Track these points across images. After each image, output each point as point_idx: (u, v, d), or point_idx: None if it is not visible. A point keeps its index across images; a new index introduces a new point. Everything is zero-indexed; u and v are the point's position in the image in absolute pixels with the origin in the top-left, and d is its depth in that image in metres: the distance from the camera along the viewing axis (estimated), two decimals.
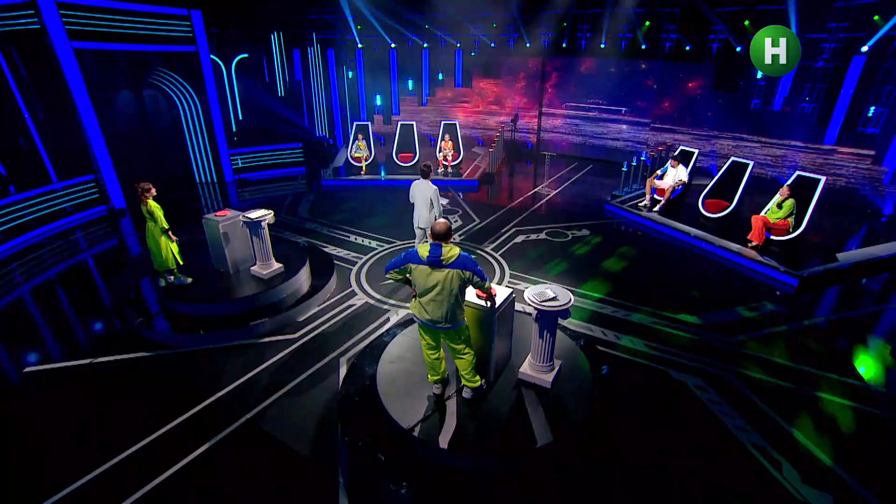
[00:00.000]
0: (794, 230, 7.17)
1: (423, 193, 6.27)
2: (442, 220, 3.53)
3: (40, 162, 9.98)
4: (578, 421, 3.83)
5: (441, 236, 3.46)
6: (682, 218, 8.41)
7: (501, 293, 4.05)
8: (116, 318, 5.90)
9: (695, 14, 10.14)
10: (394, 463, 3.60)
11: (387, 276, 3.72)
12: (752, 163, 8.07)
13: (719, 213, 8.11)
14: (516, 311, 4.94)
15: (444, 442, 3.61)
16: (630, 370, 4.98)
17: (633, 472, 3.77)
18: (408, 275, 3.66)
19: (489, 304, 3.85)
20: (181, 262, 5.91)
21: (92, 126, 9.49)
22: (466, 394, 4.02)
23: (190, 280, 6.10)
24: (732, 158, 8.36)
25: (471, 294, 3.97)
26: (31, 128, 9.78)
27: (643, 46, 11.00)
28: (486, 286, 3.60)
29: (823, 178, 7.17)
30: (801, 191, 7.28)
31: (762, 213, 7.37)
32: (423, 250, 3.49)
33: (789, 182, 7.43)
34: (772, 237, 7.21)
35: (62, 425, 4.30)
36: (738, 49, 10.56)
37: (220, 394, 4.62)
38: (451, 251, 3.46)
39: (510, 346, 4.49)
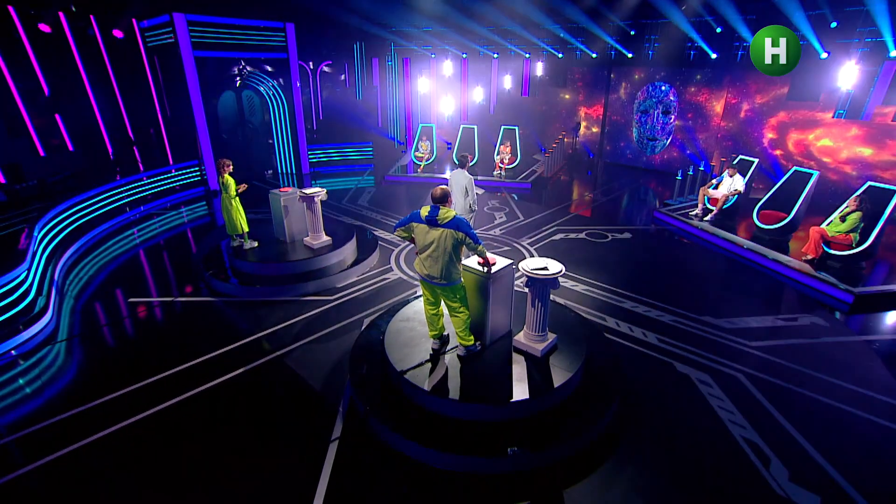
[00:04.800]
0: (858, 245, 6.60)
1: (458, 182, 6.73)
2: (440, 186, 4.00)
3: (163, 149, 12.08)
4: (559, 388, 4.05)
5: (439, 199, 3.94)
6: (735, 229, 8.04)
7: (501, 262, 4.40)
8: (196, 272, 7.09)
9: (771, 20, 9.63)
10: (384, 399, 4.10)
11: (394, 233, 4.26)
12: (816, 173, 7.53)
13: (775, 224, 7.64)
14: (522, 291, 5.22)
15: (428, 386, 4.03)
16: (633, 357, 5.03)
17: (602, 440, 3.91)
18: (412, 234, 4.17)
19: (486, 269, 4.23)
20: (247, 229, 6.93)
21: (200, 120, 11.27)
22: (460, 351, 4.41)
23: (256, 244, 7.14)
24: (795, 168, 7.85)
25: (472, 261, 4.38)
26: (160, 121, 11.92)
27: (713, 55, 10.61)
28: (479, 249, 3.99)
29: None
30: (873, 203, 6.69)
31: (822, 225, 6.87)
32: (424, 211, 3.99)
33: (858, 193, 6.86)
34: (830, 251, 6.70)
35: (144, 341, 5.40)
36: (827, 55, 9.81)
37: (260, 334, 5.45)
38: (448, 213, 3.91)
39: (510, 318, 4.79)
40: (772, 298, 6.42)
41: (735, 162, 8.89)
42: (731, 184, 8.41)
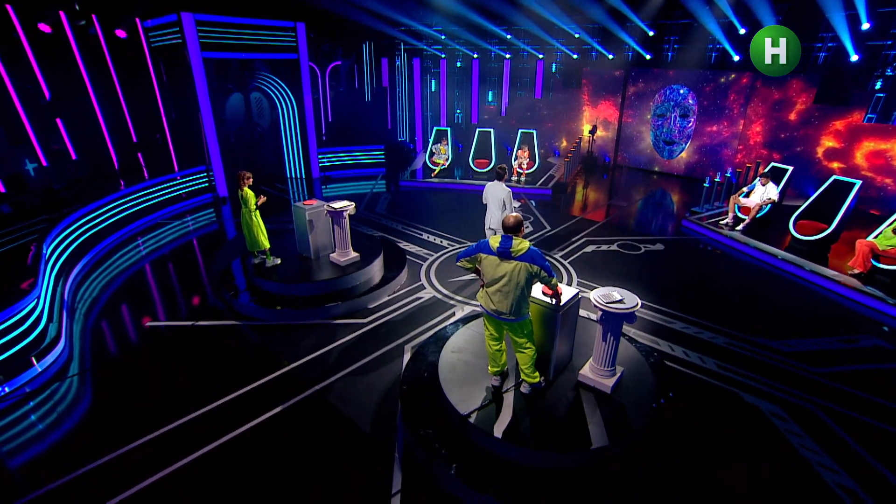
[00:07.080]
0: None
1: (496, 195, 6.40)
2: (513, 213, 3.65)
3: (168, 154, 11.54)
4: (637, 429, 3.75)
5: (511, 229, 3.60)
6: (769, 239, 7.81)
7: (567, 293, 4.08)
8: (214, 291, 6.66)
9: (799, 21, 9.37)
10: (448, 446, 3.76)
11: (458, 263, 3.91)
12: (859, 182, 7.31)
13: (814, 235, 7.42)
14: (580, 315, 4.92)
15: (498, 431, 3.70)
16: (697, 387, 4.75)
17: (691, 490, 3.62)
18: (477, 265, 3.82)
19: (555, 301, 3.90)
20: (268, 246, 6.51)
21: (208, 124, 10.76)
22: (524, 389, 4.08)
23: (279, 261, 6.73)
24: (834, 177, 7.62)
25: (537, 290, 4.05)
26: (165, 125, 11.37)
27: (736, 57, 10.35)
28: (552, 282, 3.66)
29: None
30: None
31: (870, 238, 6.65)
32: (494, 242, 3.64)
33: None
34: (880, 265, 6.48)
35: (163, 376, 4.97)
36: (857, 57, 9.55)
37: (293, 365, 5.05)
38: (521, 244, 3.57)
39: (572, 348, 4.49)
40: (822, 316, 6.17)
41: (767, 170, 8.66)
42: (764, 192, 8.17)
